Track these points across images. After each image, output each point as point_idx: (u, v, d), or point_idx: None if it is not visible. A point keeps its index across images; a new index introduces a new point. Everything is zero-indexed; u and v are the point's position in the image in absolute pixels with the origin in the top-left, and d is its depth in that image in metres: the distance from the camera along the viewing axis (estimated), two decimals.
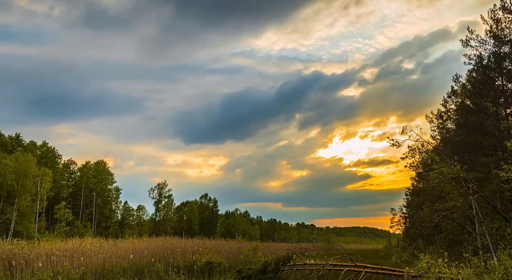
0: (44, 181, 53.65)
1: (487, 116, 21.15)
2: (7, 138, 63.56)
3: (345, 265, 16.59)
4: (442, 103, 28.54)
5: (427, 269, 11.94)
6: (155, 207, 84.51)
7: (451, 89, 27.30)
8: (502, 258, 11.36)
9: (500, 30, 20.14)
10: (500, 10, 20.16)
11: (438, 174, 16.57)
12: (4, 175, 47.81)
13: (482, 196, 16.60)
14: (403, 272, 13.63)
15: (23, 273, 18.18)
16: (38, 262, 19.07)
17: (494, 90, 20.67)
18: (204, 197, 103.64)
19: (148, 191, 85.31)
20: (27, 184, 49.83)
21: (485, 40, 20.84)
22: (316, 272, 16.84)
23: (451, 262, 11.77)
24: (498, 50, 20.30)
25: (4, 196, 49.05)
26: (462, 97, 24.95)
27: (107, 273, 19.07)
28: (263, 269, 17.30)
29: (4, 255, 19.74)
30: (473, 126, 21.47)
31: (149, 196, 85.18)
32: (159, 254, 23.14)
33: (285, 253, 18.32)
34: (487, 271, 11.08)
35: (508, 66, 20.19)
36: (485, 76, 20.87)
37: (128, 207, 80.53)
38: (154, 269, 20.33)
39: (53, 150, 68.86)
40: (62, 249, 22.55)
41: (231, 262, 24.28)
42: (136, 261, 21.56)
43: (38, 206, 53.08)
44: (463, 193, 16.94)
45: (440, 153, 21.73)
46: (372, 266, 16.11)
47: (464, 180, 16.07)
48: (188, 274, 21.07)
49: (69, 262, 19.58)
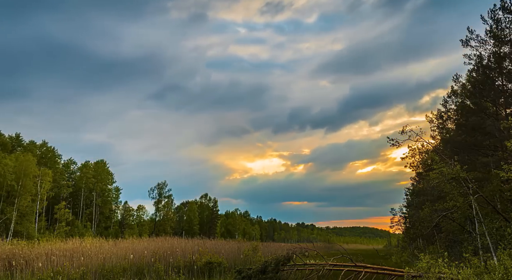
0: (44, 181, 53.63)
1: (487, 116, 21.14)
2: (7, 138, 63.53)
3: (345, 265, 16.59)
4: (442, 103, 28.57)
5: (427, 269, 11.94)
6: (155, 207, 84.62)
7: (451, 89, 27.33)
8: (502, 258, 11.35)
9: (500, 30, 20.14)
10: (500, 10, 20.15)
11: (438, 174, 16.59)
12: (4, 175, 47.79)
13: (482, 196, 16.60)
14: (403, 272, 13.64)
15: (23, 273, 18.17)
16: (38, 262, 19.05)
17: (494, 90, 20.66)
18: (204, 197, 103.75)
19: (148, 191, 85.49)
20: (27, 184, 49.81)
21: (485, 40, 20.84)
22: (316, 272, 16.84)
23: (451, 262, 11.77)
24: (498, 50, 20.28)
25: (4, 196, 49.03)
26: (462, 97, 24.97)
27: (107, 273, 19.06)
28: (263, 269, 17.29)
29: (4, 255, 19.73)
30: (473, 126, 21.47)
31: (149, 196, 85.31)
32: (159, 254, 23.12)
33: (285, 253, 18.32)
34: (487, 271, 11.07)
35: (508, 66, 20.17)
36: (485, 76, 20.86)
37: (128, 207, 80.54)
38: (154, 269, 20.32)
39: (53, 150, 68.86)
40: (62, 249, 22.52)
41: (231, 262, 24.26)
42: (136, 261, 21.55)
43: (38, 206, 53.07)
44: (463, 193, 16.93)
45: (440, 153, 21.73)
46: (372, 266, 16.11)
47: (464, 180, 16.07)
48: (188, 274, 21.06)
49: (69, 262, 19.57)
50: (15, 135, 66.14)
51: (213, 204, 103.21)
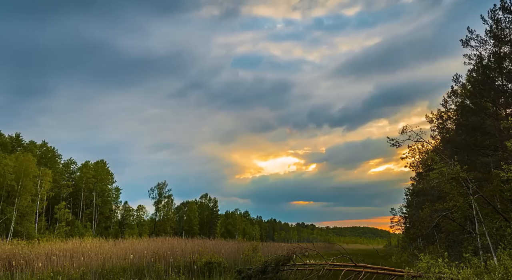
0: (44, 181, 53.63)
1: (487, 116, 21.14)
2: (7, 138, 63.52)
3: (345, 265, 16.58)
4: (442, 103, 28.58)
5: (427, 269, 11.93)
6: (155, 207, 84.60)
7: (451, 89, 27.33)
8: (502, 258, 11.34)
9: (500, 30, 20.13)
10: (500, 10, 20.15)
11: (438, 174, 16.56)
12: (4, 175, 47.79)
13: (482, 196, 16.58)
14: (403, 272, 13.64)
15: (23, 273, 18.16)
16: (38, 262, 19.04)
17: (494, 90, 20.65)
18: (204, 197, 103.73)
19: (148, 191, 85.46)
20: (27, 184, 49.81)
21: (485, 40, 20.84)
22: (316, 272, 16.83)
23: (451, 262, 11.75)
24: (498, 50, 20.28)
25: (4, 196, 49.03)
26: (462, 97, 24.97)
27: (107, 273, 19.07)
28: (263, 269, 17.30)
29: (4, 255, 19.72)
30: (473, 126, 21.46)
31: (149, 196, 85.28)
32: (159, 254, 23.12)
33: (285, 253, 18.33)
34: (487, 271, 11.06)
35: (508, 66, 20.17)
36: (485, 76, 20.85)
37: (128, 207, 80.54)
38: (154, 269, 20.33)
39: (53, 150, 68.88)
40: (62, 249, 22.51)
41: (231, 262, 24.26)
42: (136, 261, 21.54)
43: (38, 206, 53.07)
44: (463, 193, 16.91)
45: (440, 153, 21.73)
46: (372, 266, 16.11)
47: (464, 180, 16.05)
48: (188, 274, 21.05)
49: (69, 262, 19.57)
50: (15, 135, 66.15)
51: (213, 204, 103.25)
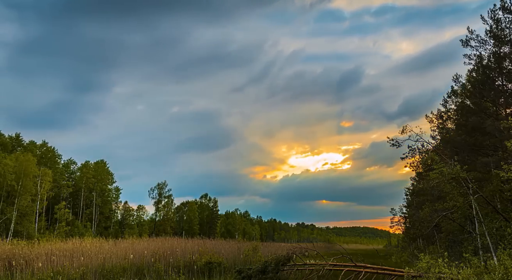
0: (44, 181, 53.61)
1: (487, 116, 21.13)
2: (7, 138, 63.52)
3: (345, 265, 16.59)
4: (442, 103, 28.59)
5: (427, 269, 11.93)
6: (155, 207, 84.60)
7: (451, 89, 27.34)
8: (502, 258, 11.34)
9: (500, 30, 20.13)
10: (500, 10, 20.15)
11: (438, 174, 16.55)
12: (4, 175, 47.78)
13: (482, 196, 16.59)
14: (403, 272, 13.64)
15: (23, 273, 18.16)
16: (38, 262, 19.04)
17: (494, 90, 20.66)
18: (204, 197, 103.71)
19: (148, 191, 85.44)
20: (27, 184, 49.80)
21: (485, 40, 20.84)
22: (316, 272, 16.84)
23: (451, 262, 11.76)
24: (498, 50, 20.29)
25: (4, 196, 49.03)
26: (462, 97, 24.97)
27: (107, 273, 19.07)
28: (263, 269, 17.29)
29: (4, 255, 19.71)
30: (473, 126, 21.46)
31: (149, 196, 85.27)
32: (159, 254, 23.12)
33: (285, 253, 18.34)
34: (487, 271, 11.06)
35: (508, 66, 20.17)
36: (485, 76, 20.86)
37: (128, 207, 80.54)
38: (154, 269, 20.32)
39: (53, 150, 68.85)
40: (62, 249, 22.50)
41: (231, 262, 24.26)
42: (136, 261, 21.54)
43: (38, 206, 53.04)
44: (463, 193, 16.92)
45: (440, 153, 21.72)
46: (372, 266, 16.11)
47: (464, 180, 16.05)
48: (188, 274, 21.05)
49: (69, 262, 19.56)
50: (15, 135, 66.15)
51: (213, 204, 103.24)
